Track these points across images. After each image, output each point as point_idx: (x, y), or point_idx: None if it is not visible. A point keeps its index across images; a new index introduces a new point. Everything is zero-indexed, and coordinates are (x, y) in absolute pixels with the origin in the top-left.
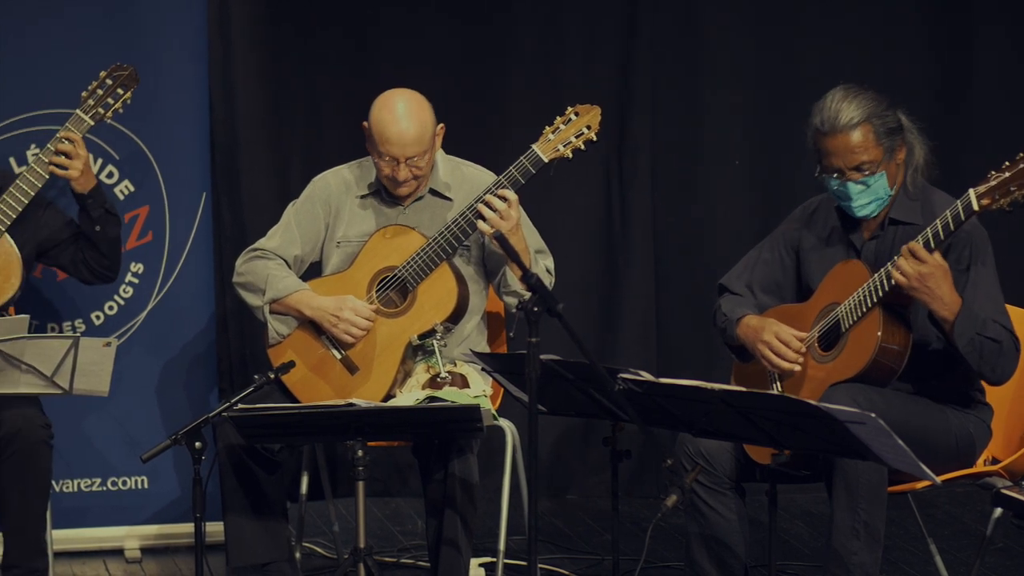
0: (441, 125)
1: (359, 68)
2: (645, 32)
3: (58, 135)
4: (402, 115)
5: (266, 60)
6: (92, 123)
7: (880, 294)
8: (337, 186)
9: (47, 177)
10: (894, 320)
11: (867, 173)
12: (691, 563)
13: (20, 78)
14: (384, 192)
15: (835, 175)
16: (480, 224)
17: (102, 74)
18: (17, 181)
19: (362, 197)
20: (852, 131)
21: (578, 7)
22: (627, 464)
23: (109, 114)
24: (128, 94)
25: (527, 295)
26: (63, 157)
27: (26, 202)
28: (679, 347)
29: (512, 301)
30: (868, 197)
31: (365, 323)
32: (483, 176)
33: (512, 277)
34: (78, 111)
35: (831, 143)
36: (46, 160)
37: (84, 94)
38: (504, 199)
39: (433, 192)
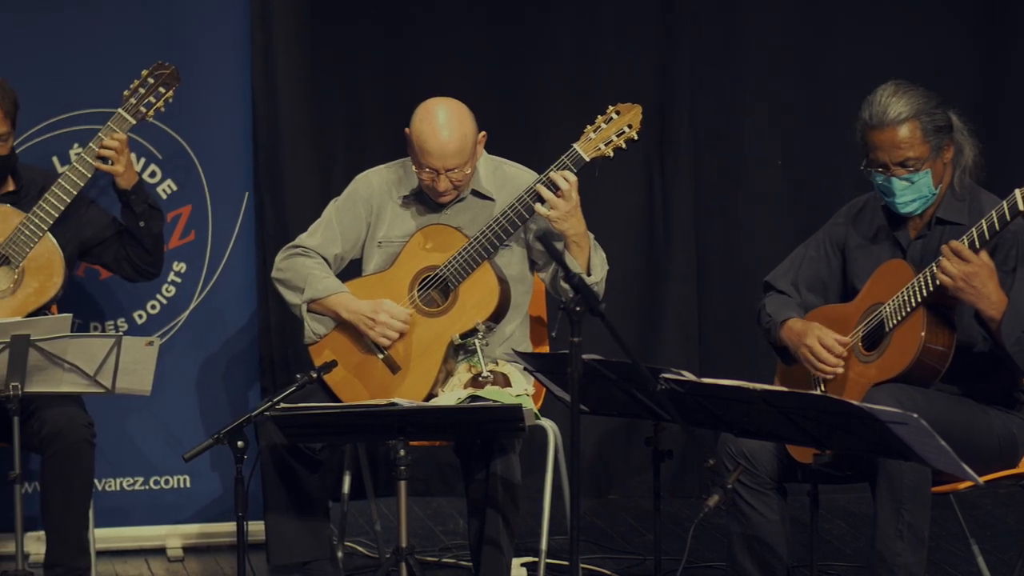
0: (483, 133)
1: (400, 66)
2: (684, 31)
3: (101, 132)
4: (442, 127)
5: (308, 58)
6: (134, 122)
7: (924, 294)
8: (379, 185)
9: (89, 176)
10: (938, 320)
11: (912, 169)
12: (733, 563)
13: (62, 78)
14: (426, 194)
15: (880, 169)
16: (538, 207)
17: (144, 72)
18: (59, 180)
19: (403, 198)
20: (899, 126)
21: (616, 5)
22: (669, 464)
23: (151, 113)
24: (170, 93)
25: (588, 279)
26: (110, 151)
27: (68, 201)
28: (721, 347)
29: (564, 287)
30: (912, 194)
31: (400, 326)
32: (525, 175)
33: (571, 260)
34: (120, 110)
35: (878, 137)
36: (88, 159)
37: (126, 93)
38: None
39: (475, 193)
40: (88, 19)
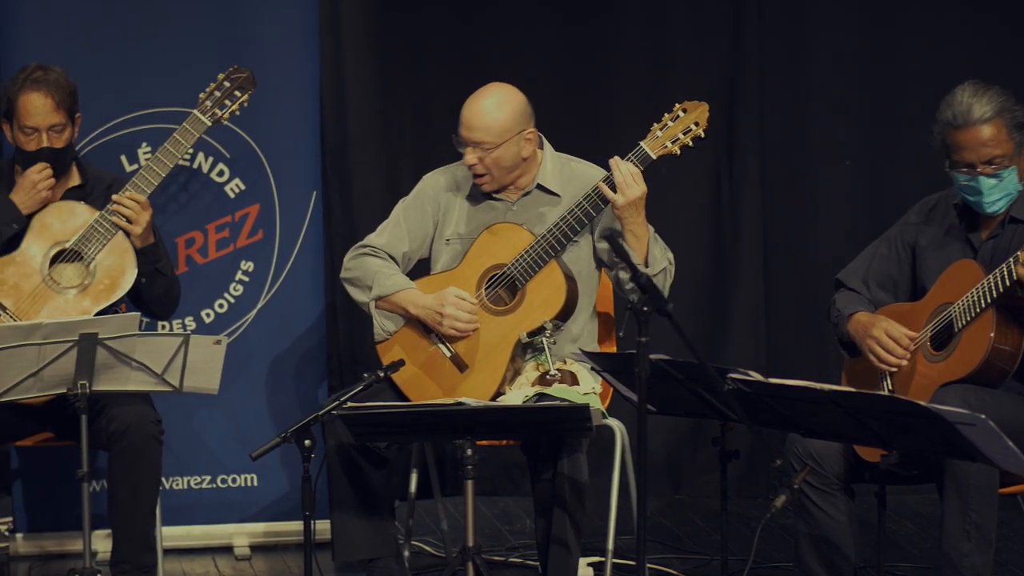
0: (532, 130)
1: (468, 66)
2: (752, 31)
3: (125, 193)
4: (480, 99)
5: (376, 58)
6: (209, 124)
7: (995, 294)
8: (446, 184)
9: (163, 176)
10: (1008, 321)
11: (998, 167)
12: (800, 564)
13: (131, 76)
14: (493, 192)
15: (965, 170)
16: (608, 193)
17: (220, 76)
18: (134, 179)
19: (470, 195)
20: (984, 125)
21: (685, 5)
22: (736, 464)
23: (226, 115)
24: (245, 97)
25: (643, 268)
26: (129, 211)
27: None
28: (788, 347)
29: (633, 298)
30: (999, 192)
31: (468, 315)
32: (592, 172)
33: (626, 279)
34: (195, 111)
35: (963, 137)
36: (163, 159)
37: (202, 95)
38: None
39: (541, 188)
40: (157, 18)
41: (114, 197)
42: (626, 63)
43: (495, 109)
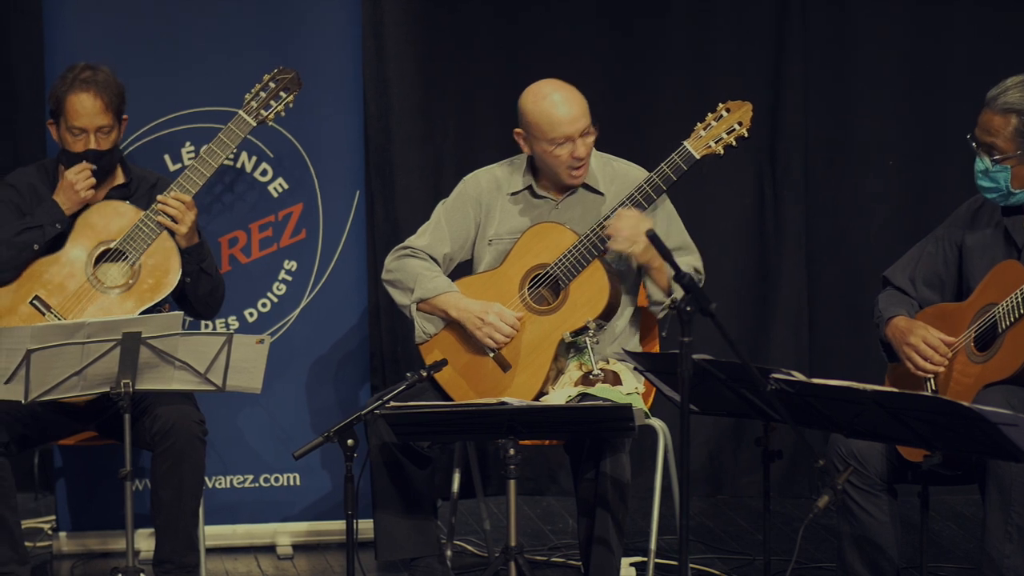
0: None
1: (511, 66)
2: (796, 30)
3: (170, 193)
4: (560, 96)
5: (419, 58)
6: (254, 124)
7: None
8: (488, 184)
9: (207, 176)
10: None
11: (994, 158)
12: (843, 564)
13: (174, 76)
14: (536, 188)
15: (974, 143)
16: (610, 243)
17: (265, 77)
18: (179, 179)
19: (513, 195)
20: (997, 112)
21: (730, 5)
22: (779, 464)
23: (271, 116)
24: (290, 97)
25: (666, 301)
26: (174, 210)
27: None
28: (831, 347)
29: (655, 309)
30: (987, 181)
31: (509, 330)
32: (634, 171)
33: (652, 287)
34: (241, 112)
35: (982, 113)
36: (208, 160)
37: (247, 96)
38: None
39: (586, 187)
40: (200, 17)
41: (159, 197)
42: (670, 63)
43: (571, 91)
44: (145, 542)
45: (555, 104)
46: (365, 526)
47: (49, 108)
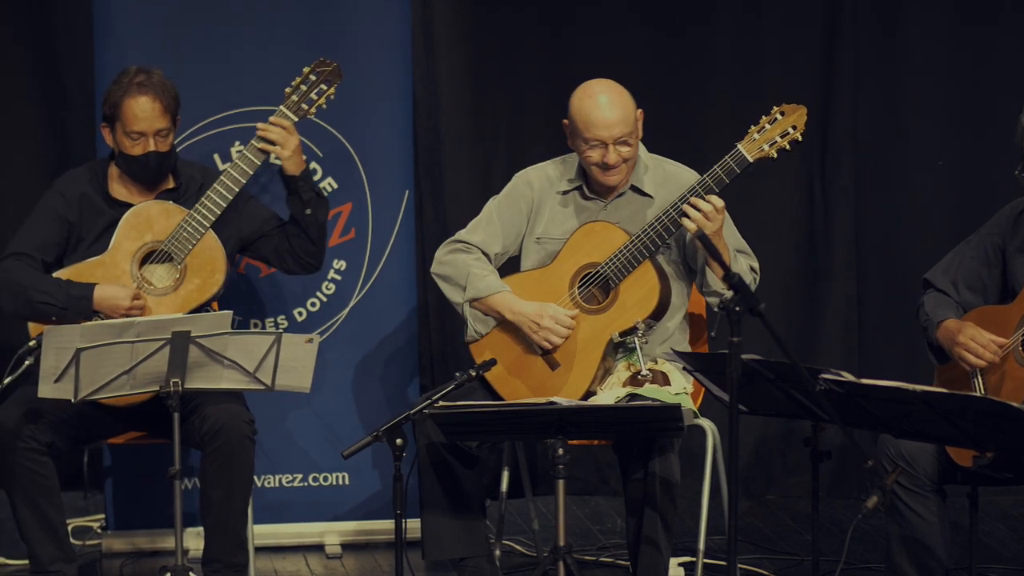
0: (640, 111)
1: (561, 65)
2: (847, 32)
3: (270, 119)
4: (604, 99)
5: (469, 56)
6: (296, 119)
7: None
8: (539, 182)
9: (251, 172)
10: None
11: None
12: (891, 565)
13: (223, 76)
14: (586, 188)
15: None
16: (684, 221)
17: (305, 70)
18: (221, 177)
19: (563, 193)
20: None
21: (779, 6)
22: (827, 465)
23: (312, 110)
24: (331, 90)
25: (728, 294)
26: (275, 134)
27: (230, 198)
28: (881, 347)
29: (714, 301)
30: None
31: (565, 331)
32: (685, 174)
33: (713, 277)
34: (282, 107)
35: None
36: (249, 155)
37: (288, 90)
38: (711, 203)
39: (634, 189)
40: (248, 19)
41: (259, 125)
42: (719, 64)
43: (617, 98)
44: (194, 541)
45: (597, 105)
46: (414, 525)
47: (103, 113)
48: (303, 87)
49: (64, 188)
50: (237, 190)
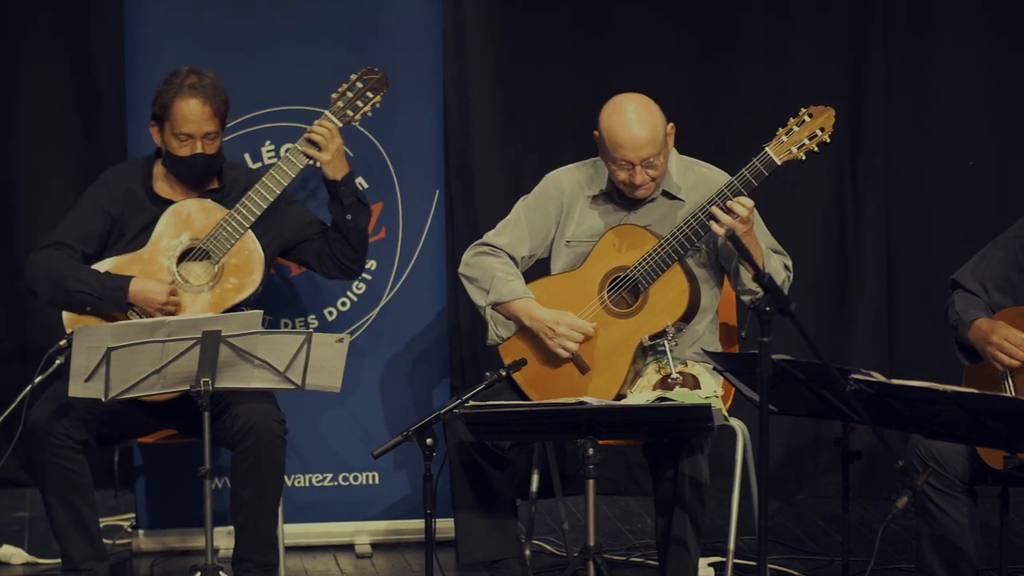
0: (671, 124)
1: (592, 67)
2: (877, 33)
3: (316, 122)
4: (632, 119)
5: (500, 58)
6: (340, 125)
7: None
8: (570, 184)
9: (292, 175)
10: None
11: None
12: (921, 566)
13: (253, 77)
14: (616, 194)
15: None
16: (713, 225)
17: (352, 77)
18: (263, 179)
19: (593, 198)
20: None
21: (809, 7)
22: (857, 465)
23: (357, 117)
24: (377, 98)
25: (760, 292)
26: (320, 136)
27: (271, 199)
28: (911, 348)
29: (747, 299)
30: None
31: (580, 337)
32: (716, 176)
33: (746, 276)
34: (327, 112)
35: None
36: (293, 159)
37: (334, 96)
38: (741, 205)
39: (665, 194)
40: (279, 17)
41: (309, 129)
42: (749, 64)
43: (647, 119)
44: (224, 540)
45: (625, 125)
46: (444, 525)
47: (152, 111)
48: (349, 94)
49: (110, 181)
50: (279, 192)
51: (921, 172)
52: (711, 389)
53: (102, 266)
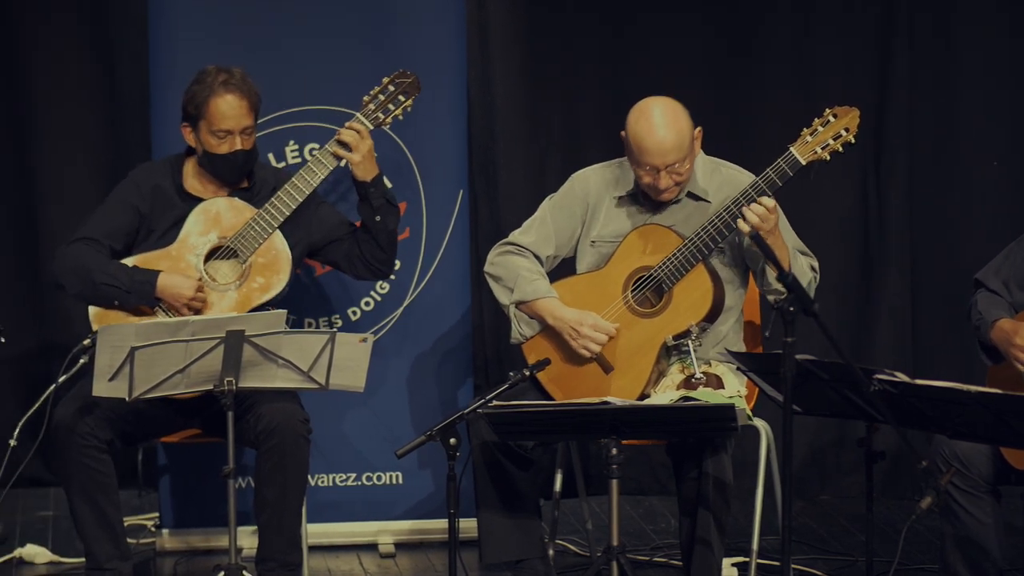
0: (699, 128)
1: (617, 64)
2: (902, 31)
3: (347, 123)
4: (659, 124)
5: (524, 56)
6: (371, 127)
7: None
8: (596, 184)
9: (322, 176)
10: None
11: None
12: (945, 566)
13: (277, 76)
14: (641, 195)
15: None
16: (739, 223)
17: (385, 80)
18: (292, 179)
19: (619, 198)
20: None
21: (833, 8)
22: (881, 465)
23: (388, 120)
24: (409, 102)
25: (786, 292)
26: (350, 138)
27: (300, 200)
28: (935, 348)
29: (772, 299)
30: None
31: (603, 338)
32: (743, 177)
33: (772, 275)
34: (358, 115)
35: None
36: (322, 159)
37: (365, 99)
38: (763, 205)
39: (691, 195)
40: (303, 17)
41: (339, 131)
42: (774, 64)
43: (673, 124)
44: (248, 539)
45: (651, 130)
46: (467, 525)
47: (186, 112)
48: (381, 97)
49: (139, 179)
50: (308, 192)
51: (945, 172)
52: (735, 389)
53: (130, 261)
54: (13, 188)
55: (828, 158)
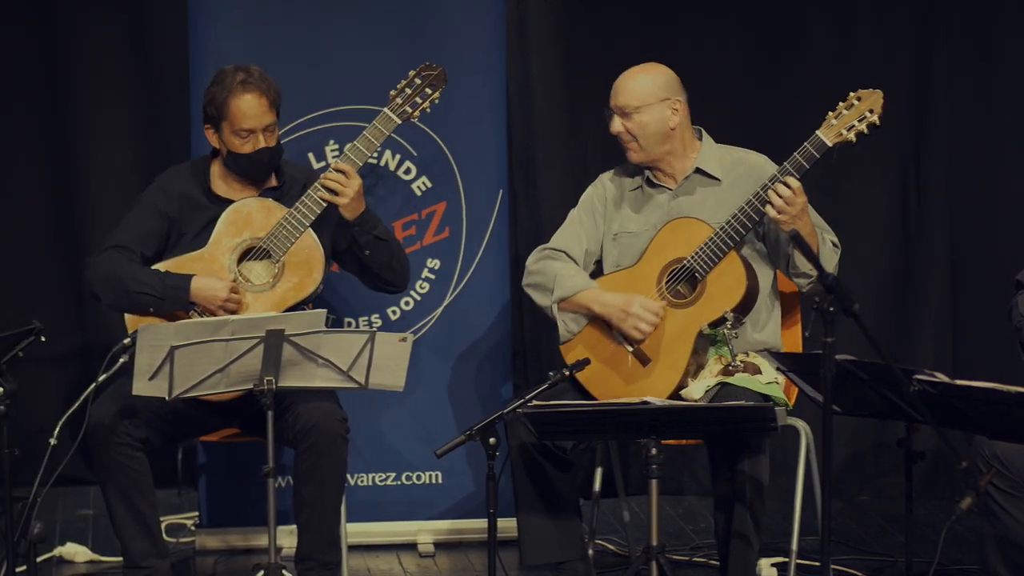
0: (680, 101)
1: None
2: (941, 28)
3: (331, 167)
4: (626, 71)
5: (564, 55)
6: (399, 121)
7: None
8: (611, 182)
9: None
10: None
11: None
12: (985, 566)
13: (317, 76)
14: (651, 176)
15: None
16: (767, 208)
17: (411, 73)
18: (322, 177)
19: (633, 190)
20: None
21: (873, 8)
22: (921, 466)
23: (416, 113)
24: (436, 94)
25: (814, 275)
26: (334, 183)
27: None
28: (975, 348)
29: (802, 282)
30: None
31: (653, 318)
32: (753, 158)
33: (800, 259)
34: (386, 109)
35: None
36: (353, 156)
37: (392, 93)
38: (788, 186)
39: (700, 171)
40: (342, 17)
41: (322, 175)
42: (812, 64)
43: (639, 74)
44: (287, 539)
45: (619, 75)
46: (507, 525)
47: (206, 114)
48: (408, 90)
49: (165, 184)
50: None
51: (985, 171)
52: (772, 375)
53: (162, 266)
54: (53, 187)
55: (854, 139)
